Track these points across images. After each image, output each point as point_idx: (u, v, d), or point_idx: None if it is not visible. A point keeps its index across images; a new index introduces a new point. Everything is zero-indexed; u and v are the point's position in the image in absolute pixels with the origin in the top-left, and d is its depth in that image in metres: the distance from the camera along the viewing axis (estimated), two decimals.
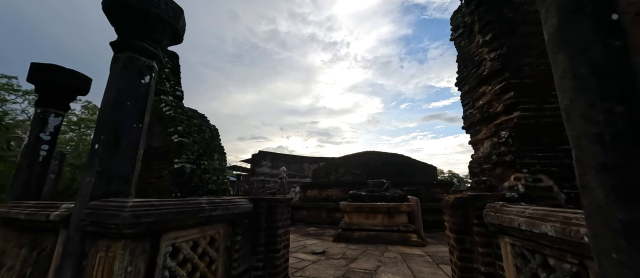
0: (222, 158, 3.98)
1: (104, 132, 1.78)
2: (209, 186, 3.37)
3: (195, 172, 3.29)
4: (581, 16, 1.13)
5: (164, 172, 3.45)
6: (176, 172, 3.16)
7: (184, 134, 3.38)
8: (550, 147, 2.05)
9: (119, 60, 1.93)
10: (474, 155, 2.65)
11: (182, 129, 3.60)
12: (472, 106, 2.68)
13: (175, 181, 3.13)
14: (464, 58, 2.93)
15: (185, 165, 3.22)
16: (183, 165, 3.22)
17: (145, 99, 2.02)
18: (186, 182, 3.19)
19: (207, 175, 3.40)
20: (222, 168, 3.85)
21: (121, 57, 1.93)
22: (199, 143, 3.54)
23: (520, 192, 1.99)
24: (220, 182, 3.64)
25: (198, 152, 3.43)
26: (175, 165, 3.28)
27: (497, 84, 2.31)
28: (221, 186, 3.61)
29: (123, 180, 1.81)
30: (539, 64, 2.24)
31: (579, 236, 1.24)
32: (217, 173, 3.63)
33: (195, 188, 3.23)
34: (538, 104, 2.15)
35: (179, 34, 2.31)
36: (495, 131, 2.30)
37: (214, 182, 3.46)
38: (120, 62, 1.92)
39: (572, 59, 1.14)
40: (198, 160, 3.37)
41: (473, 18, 2.58)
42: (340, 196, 10.27)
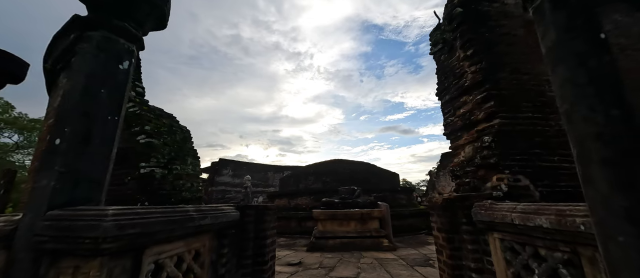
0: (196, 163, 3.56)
1: (70, 123, 1.43)
2: (183, 194, 2.94)
3: (167, 177, 2.85)
4: (577, 34, 1.32)
5: (126, 178, 2.89)
6: (143, 178, 2.68)
7: (152, 135, 2.93)
8: (525, 151, 2.34)
9: (92, 40, 1.60)
10: (456, 159, 2.87)
11: (150, 129, 3.09)
12: (454, 114, 2.93)
13: (142, 188, 2.65)
14: (444, 70, 3.20)
15: (154, 170, 2.77)
16: (152, 169, 2.76)
17: (123, 89, 1.70)
18: (156, 190, 2.73)
19: (180, 181, 2.98)
20: (196, 174, 3.43)
21: (95, 36, 1.61)
22: (170, 145, 3.11)
23: (504, 191, 2.21)
24: (195, 189, 3.22)
25: (169, 155, 3.00)
26: (141, 170, 2.78)
27: (479, 94, 2.58)
28: (196, 194, 3.20)
29: (93, 184, 1.46)
30: (511, 79, 2.57)
31: (575, 225, 1.40)
32: (191, 179, 3.21)
33: (167, 197, 2.78)
34: (513, 113, 2.45)
35: (165, 19, 2.04)
36: (478, 136, 2.54)
37: (188, 189, 3.04)
38: (93, 42, 1.59)
39: (571, 70, 1.31)
40: (169, 165, 2.94)
41: (455, 35, 2.87)
42: (310, 204, 10.13)
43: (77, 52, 1.61)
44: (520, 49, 2.66)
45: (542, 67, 2.71)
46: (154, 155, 2.82)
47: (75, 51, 4.55)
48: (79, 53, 1.58)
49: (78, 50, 1.59)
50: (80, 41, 1.61)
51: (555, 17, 1.38)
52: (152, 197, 2.69)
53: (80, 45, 1.60)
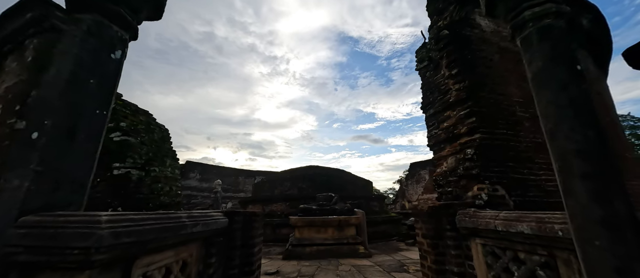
0: (175, 165, 3.27)
1: (51, 115, 1.24)
2: (161, 198, 2.66)
3: (144, 180, 2.56)
4: (559, 63, 1.52)
5: (95, 180, 2.51)
6: (117, 179, 2.38)
7: (129, 132, 2.63)
8: (501, 163, 2.60)
9: (82, 23, 1.42)
10: (439, 169, 3.08)
11: (126, 126, 2.74)
12: (438, 127, 3.15)
13: (115, 191, 2.34)
14: (429, 86, 3.44)
15: (131, 172, 2.47)
16: (128, 171, 2.46)
17: (114, 80, 1.54)
18: (132, 193, 2.43)
19: (158, 184, 2.69)
20: (174, 177, 3.15)
21: (85, 19, 1.44)
22: (148, 145, 2.82)
23: (484, 200, 2.41)
24: (174, 193, 2.94)
25: (147, 155, 2.71)
26: (115, 171, 2.45)
27: (462, 110, 2.81)
28: (174, 198, 2.92)
29: (76, 186, 1.28)
30: (489, 98, 2.86)
31: (554, 231, 1.58)
32: (170, 182, 2.93)
33: (144, 201, 2.49)
34: (491, 128, 2.71)
35: (162, 8, 1.90)
36: (461, 149, 2.75)
37: (166, 194, 2.77)
38: (82, 26, 1.42)
39: (554, 94, 1.51)
40: (147, 166, 2.66)
41: (441, 54, 3.11)
42: (286, 211, 9.93)
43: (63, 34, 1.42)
44: (497, 72, 2.99)
45: (513, 90, 3.07)
46: (131, 155, 2.53)
47: (30, 34, 4.01)
48: (65, 36, 1.40)
49: (63, 33, 1.40)
50: (67, 23, 1.43)
51: (541, 47, 1.59)
52: (127, 202, 2.40)
53: (66, 28, 1.41)
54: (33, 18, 3.87)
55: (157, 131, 3.10)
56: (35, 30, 4.29)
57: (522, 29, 1.69)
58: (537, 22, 1.61)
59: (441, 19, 3.60)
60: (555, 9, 1.58)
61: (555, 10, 1.58)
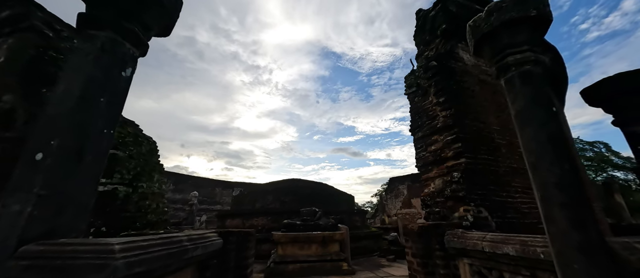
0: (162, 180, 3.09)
1: (58, 135, 1.18)
2: (148, 216, 2.47)
3: (131, 197, 2.38)
4: (539, 104, 1.75)
5: None
6: (103, 197, 2.19)
7: (117, 145, 2.46)
8: (484, 187, 2.82)
9: (96, 40, 1.39)
10: (427, 190, 3.25)
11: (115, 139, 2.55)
12: (425, 149, 3.36)
13: (100, 210, 2.15)
14: (417, 110, 3.68)
15: (118, 188, 2.30)
16: (115, 187, 2.28)
17: (123, 98, 1.50)
18: (118, 211, 2.25)
19: (146, 201, 2.51)
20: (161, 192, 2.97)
21: (100, 37, 1.40)
22: (136, 158, 2.65)
23: (470, 221, 2.59)
24: (160, 210, 2.76)
25: (135, 170, 2.54)
26: (100, 188, 2.24)
27: (449, 136, 3.04)
28: (161, 216, 2.73)
29: (80, 209, 1.21)
30: (472, 126, 3.12)
31: (536, 254, 1.75)
32: (157, 199, 2.75)
33: (130, 220, 2.30)
34: (474, 154, 2.96)
35: (172, 27, 1.90)
36: (448, 172, 2.95)
37: (153, 211, 2.58)
38: (97, 43, 1.39)
39: (536, 130, 1.72)
40: (134, 182, 2.49)
41: (429, 83, 3.37)
42: (267, 226, 9.67)
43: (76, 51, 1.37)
44: (477, 102, 3.30)
45: (492, 118, 3.39)
46: (119, 170, 2.37)
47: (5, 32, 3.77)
48: (78, 53, 1.35)
49: (77, 50, 1.36)
50: (82, 40, 1.38)
51: (523, 89, 1.82)
52: (112, 221, 2.22)
53: (80, 45, 1.37)
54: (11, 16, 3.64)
55: (145, 144, 2.95)
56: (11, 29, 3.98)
57: (506, 71, 1.92)
58: (519, 67, 1.86)
59: (428, 49, 3.92)
60: (534, 57, 1.83)
61: (534, 59, 1.83)
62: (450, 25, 3.43)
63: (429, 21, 3.73)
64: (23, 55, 3.43)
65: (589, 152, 19.52)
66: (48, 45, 3.69)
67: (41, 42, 3.71)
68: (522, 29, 1.84)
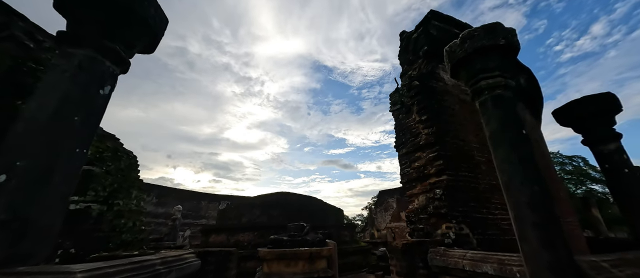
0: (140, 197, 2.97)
1: (25, 155, 1.14)
2: (123, 236, 2.34)
3: (105, 216, 2.26)
4: (510, 127, 1.84)
5: None
6: (73, 215, 2.07)
7: (93, 161, 2.37)
8: (465, 203, 2.88)
9: (74, 58, 1.37)
10: (411, 206, 3.28)
11: (91, 154, 2.45)
12: (410, 166, 3.42)
13: (70, 230, 2.02)
14: (401, 127, 3.78)
15: (91, 206, 2.18)
16: (88, 205, 2.17)
17: (100, 117, 1.47)
18: (90, 231, 2.12)
19: (121, 220, 2.39)
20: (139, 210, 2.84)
21: (78, 54, 1.39)
22: (114, 174, 2.56)
23: (452, 238, 2.62)
24: (137, 229, 2.63)
25: (111, 186, 2.44)
26: (72, 206, 2.11)
27: (431, 153, 3.12)
28: (137, 235, 2.59)
29: (43, 234, 1.15)
30: (453, 143, 3.23)
31: (513, 273, 1.78)
32: (134, 217, 2.62)
33: (103, 241, 2.17)
34: (455, 171, 3.04)
35: (156, 45, 1.91)
36: (431, 188, 3.01)
37: (129, 230, 2.46)
38: (74, 60, 1.37)
39: (507, 152, 1.80)
40: (110, 199, 2.38)
41: (412, 101, 3.49)
42: (254, 241, 9.39)
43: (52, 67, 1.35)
44: (458, 120, 3.43)
45: (471, 137, 3.52)
46: (93, 187, 2.27)
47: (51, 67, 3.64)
48: (53, 69, 1.33)
49: (52, 67, 1.34)
50: (58, 56, 1.37)
51: (495, 112, 1.92)
52: (83, 242, 2.09)
53: (56, 62, 1.35)
54: None
55: (124, 159, 2.86)
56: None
57: (480, 95, 2.03)
58: (491, 91, 1.96)
59: (411, 69, 4.08)
60: (504, 82, 1.94)
61: (505, 84, 1.94)
62: (431, 47, 3.61)
63: (412, 43, 3.91)
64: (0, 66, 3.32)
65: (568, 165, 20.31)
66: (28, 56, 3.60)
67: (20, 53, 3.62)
68: (492, 56, 1.97)
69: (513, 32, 2.02)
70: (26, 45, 3.67)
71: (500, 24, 2.02)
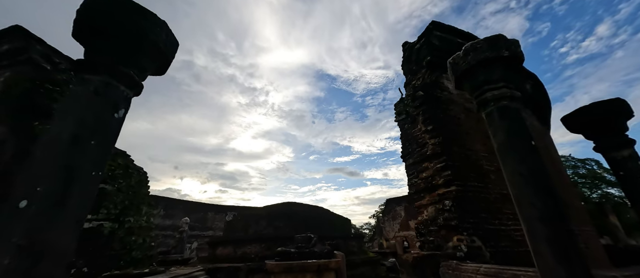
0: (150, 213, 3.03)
1: (45, 180, 1.19)
2: (133, 253, 2.38)
3: (116, 233, 2.30)
4: (518, 139, 1.83)
5: None
6: (86, 234, 2.12)
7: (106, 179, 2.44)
8: (476, 215, 2.83)
9: (90, 84, 1.44)
10: (420, 218, 3.23)
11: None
12: (417, 176, 3.39)
13: (82, 248, 2.06)
14: (407, 137, 3.77)
15: (103, 224, 2.23)
16: (101, 223, 2.22)
17: (114, 140, 1.52)
18: (102, 249, 2.16)
19: (132, 237, 2.43)
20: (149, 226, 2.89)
21: (94, 80, 1.46)
22: (125, 191, 2.62)
23: (464, 251, 2.56)
24: (146, 245, 2.66)
25: (122, 203, 2.50)
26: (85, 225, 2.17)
27: (438, 163, 3.09)
28: (147, 252, 2.62)
29: (60, 257, 1.18)
30: (460, 153, 3.20)
31: None
32: (144, 233, 2.66)
33: (115, 258, 2.20)
34: (464, 181, 2.99)
35: (167, 67, 1.98)
36: (439, 199, 2.97)
37: (139, 247, 2.49)
38: (90, 87, 1.44)
39: (516, 164, 1.78)
40: (121, 216, 2.42)
41: (418, 112, 3.50)
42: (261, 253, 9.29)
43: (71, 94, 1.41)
44: (464, 129, 3.41)
45: (478, 145, 3.48)
46: (105, 205, 2.32)
47: (3, 65, 3.86)
48: (72, 96, 1.39)
49: (72, 93, 1.41)
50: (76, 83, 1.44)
51: (502, 124, 1.91)
52: (95, 260, 2.12)
53: (75, 89, 1.42)
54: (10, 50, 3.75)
55: (134, 175, 2.92)
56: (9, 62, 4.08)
57: (486, 106, 2.03)
58: (497, 102, 1.96)
59: (415, 78, 4.11)
60: (510, 93, 1.94)
61: (510, 95, 1.94)
62: (434, 58, 3.63)
63: (414, 53, 3.94)
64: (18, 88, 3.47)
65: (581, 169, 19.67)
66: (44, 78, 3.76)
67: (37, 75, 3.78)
68: (496, 67, 1.98)
69: (516, 43, 2.03)
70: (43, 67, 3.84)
71: (503, 36, 2.03)
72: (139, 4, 1.64)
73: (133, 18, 1.53)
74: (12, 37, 3.88)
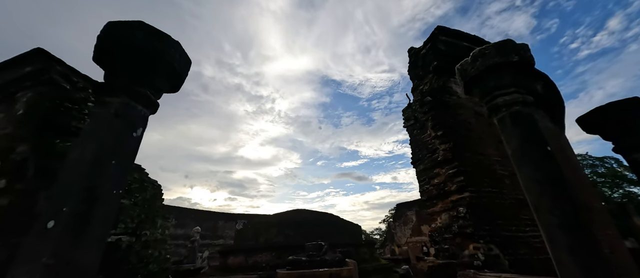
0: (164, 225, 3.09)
1: (70, 201, 1.24)
2: (150, 266, 2.43)
3: (133, 247, 2.37)
4: (532, 145, 1.79)
5: None
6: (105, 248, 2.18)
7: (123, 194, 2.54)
8: (491, 221, 2.76)
9: (110, 106, 1.51)
10: (434, 225, 3.18)
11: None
12: (428, 183, 3.34)
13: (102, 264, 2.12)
14: (417, 143, 3.74)
15: (121, 238, 2.30)
16: (119, 237, 2.29)
17: (133, 158, 1.58)
18: (119, 262, 2.22)
19: (148, 250, 2.49)
20: (164, 238, 2.95)
21: (113, 103, 1.53)
22: (141, 205, 2.69)
23: (482, 259, 2.49)
24: (162, 258, 2.71)
25: (139, 217, 2.57)
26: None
27: (450, 169, 3.05)
28: (163, 264, 2.68)
29: (83, 274, 1.22)
30: (472, 158, 3.15)
31: None
32: (159, 246, 2.72)
33: (132, 273, 2.26)
34: (478, 187, 2.94)
35: (180, 86, 2.05)
36: (453, 206, 2.91)
37: (155, 260, 2.54)
38: (111, 109, 1.50)
39: (532, 171, 1.74)
40: (138, 230, 2.49)
41: (426, 117, 3.47)
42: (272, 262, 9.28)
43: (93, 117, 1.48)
44: (476, 134, 3.36)
45: (491, 150, 3.42)
46: (123, 219, 2.40)
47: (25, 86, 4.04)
48: (94, 119, 1.46)
49: (93, 116, 1.48)
50: (96, 106, 1.51)
51: (515, 130, 1.88)
52: (114, 275, 2.19)
53: (95, 112, 1.49)
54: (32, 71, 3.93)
55: (149, 188, 3.00)
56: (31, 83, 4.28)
57: (497, 112, 2.00)
58: (508, 108, 1.93)
59: (422, 83, 4.09)
60: (522, 99, 1.92)
61: (522, 100, 1.91)
62: (441, 62, 3.62)
63: (420, 58, 3.94)
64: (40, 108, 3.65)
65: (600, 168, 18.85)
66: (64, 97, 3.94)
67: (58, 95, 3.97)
68: (506, 72, 1.96)
69: (526, 47, 2.01)
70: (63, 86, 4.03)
71: (512, 41, 2.02)
72: (155, 27, 1.71)
73: (150, 41, 1.60)
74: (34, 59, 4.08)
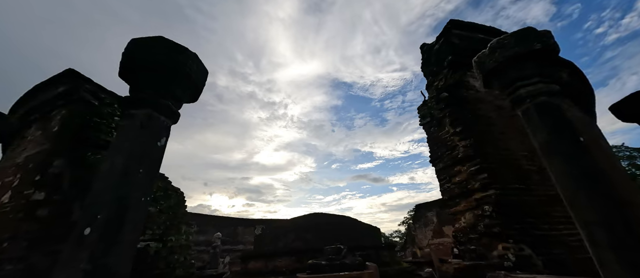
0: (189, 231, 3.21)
1: (103, 209, 1.32)
2: (176, 272, 2.54)
3: (161, 252, 2.49)
4: (562, 137, 1.69)
5: None
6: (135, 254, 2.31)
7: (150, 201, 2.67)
8: (521, 220, 2.61)
9: (136, 118, 1.60)
10: (458, 225, 3.05)
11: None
12: (449, 181, 3.23)
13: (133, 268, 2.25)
14: (434, 141, 3.63)
15: (149, 245, 2.42)
16: (147, 244, 2.42)
17: (158, 166, 1.66)
18: (149, 268, 2.34)
19: (174, 255, 2.60)
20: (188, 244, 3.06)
21: (139, 115, 1.61)
22: (166, 212, 2.82)
23: (512, 260, 2.36)
24: (188, 263, 2.82)
25: (165, 224, 2.69)
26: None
27: (472, 166, 2.93)
28: (188, 269, 2.78)
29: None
30: (495, 154, 3.01)
31: None
32: (184, 251, 2.83)
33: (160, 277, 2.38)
34: (503, 184, 2.80)
35: (198, 95, 2.14)
36: (477, 205, 2.79)
37: (181, 265, 2.65)
38: (136, 121, 1.59)
39: (564, 165, 1.63)
40: (165, 236, 2.61)
41: (443, 114, 3.37)
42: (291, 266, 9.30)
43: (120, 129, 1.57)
44: (497, 128, 3.21)
45: (515, 144, 3.25)
46: (150, 225, 2.52)
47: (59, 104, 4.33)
48: (121, 131, 1.55)
49: (120, 128, 1.57)
50: (124, 118, 1.60)
51: (542, 122, 1.77)
52: None
53: (123, 123, 1.58)
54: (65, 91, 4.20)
55: (173, 196, 3.13)
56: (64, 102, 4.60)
57: (521, 103, 1.90)
58: (533, 98, 1.83)
59: (437, 79, 3.99)
60: (547, 88, 1.81)
61: (547, 90, 1.81)
62: (456, 56, 3.51)
63: (433, 54, 3.85)
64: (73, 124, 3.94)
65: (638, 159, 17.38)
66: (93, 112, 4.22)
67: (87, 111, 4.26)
68: (528, 62, 1.86)
69: (548, 34, 1.91)
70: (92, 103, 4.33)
71: (533, 29, 1.92)
72: (174, 42, 1.80)
73: (171, 55, 1.68)
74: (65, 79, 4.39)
